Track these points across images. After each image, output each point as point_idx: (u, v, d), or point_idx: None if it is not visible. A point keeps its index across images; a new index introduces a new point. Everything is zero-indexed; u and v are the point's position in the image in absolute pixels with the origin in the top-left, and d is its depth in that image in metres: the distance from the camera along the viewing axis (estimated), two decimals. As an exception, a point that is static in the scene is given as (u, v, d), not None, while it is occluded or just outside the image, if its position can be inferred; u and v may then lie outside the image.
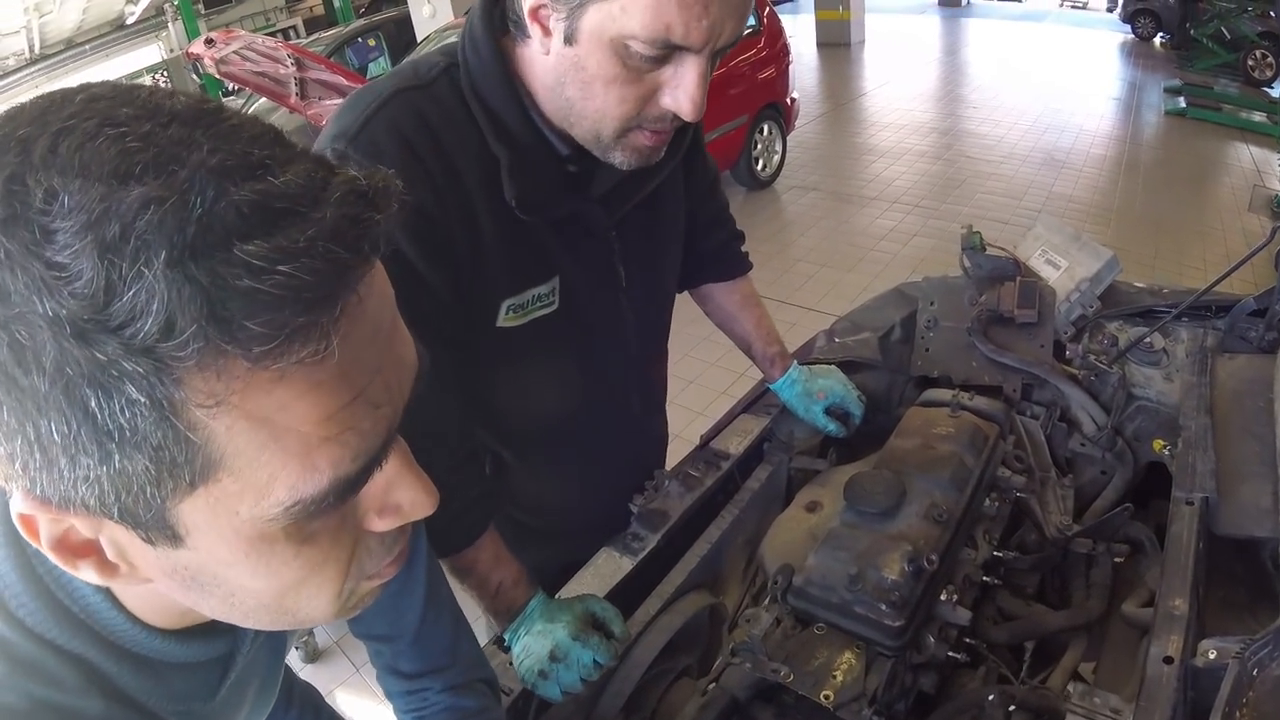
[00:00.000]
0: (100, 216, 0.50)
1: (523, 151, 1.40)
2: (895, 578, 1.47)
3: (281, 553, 0.65)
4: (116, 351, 0.50)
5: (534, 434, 1.73)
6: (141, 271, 0.49)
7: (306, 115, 6.74)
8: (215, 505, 0.59)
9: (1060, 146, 9.63)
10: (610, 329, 1.67)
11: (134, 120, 0.55)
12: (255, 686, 1.03)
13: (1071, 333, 2.23)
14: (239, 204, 0.52)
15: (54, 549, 0.61)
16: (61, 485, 0.56)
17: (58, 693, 0.73)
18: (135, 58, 12.96)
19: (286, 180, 0.55)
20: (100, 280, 0.49)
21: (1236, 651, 1.19)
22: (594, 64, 1.25)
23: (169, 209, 0.50)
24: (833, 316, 2.61)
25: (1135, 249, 6.64)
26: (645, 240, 1.65)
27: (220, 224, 0.51)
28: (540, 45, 1.29)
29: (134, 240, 0.50)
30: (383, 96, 1.35)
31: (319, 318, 0.55)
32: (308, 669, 3.71)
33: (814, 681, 1.43)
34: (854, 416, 2.12)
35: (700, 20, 1.17)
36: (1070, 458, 2.21)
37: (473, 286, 1.43)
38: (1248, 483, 1.62)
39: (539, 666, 1.46)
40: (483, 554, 1.53)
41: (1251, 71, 11.66)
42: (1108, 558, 1.86)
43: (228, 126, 0.58)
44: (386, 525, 0.72)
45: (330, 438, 0.60)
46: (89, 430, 0.53)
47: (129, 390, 0.51)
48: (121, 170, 0.51)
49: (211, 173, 0.53)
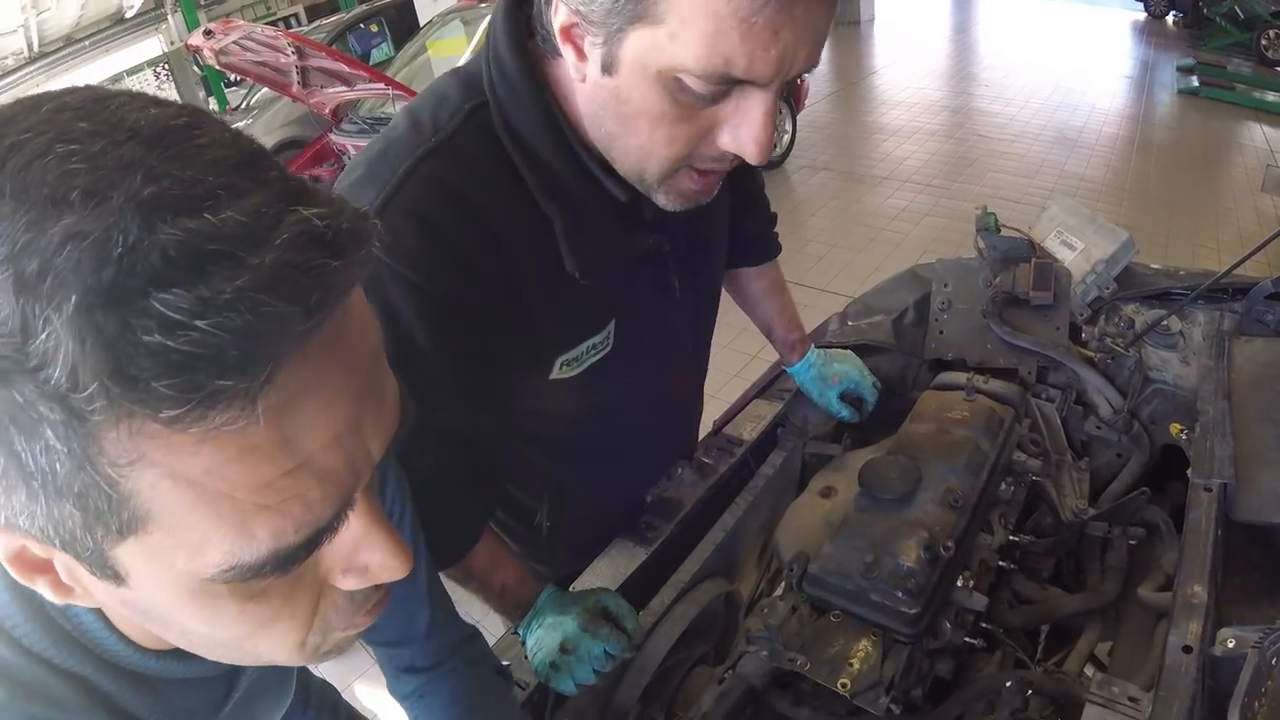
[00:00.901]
0: (23, 249, 0.46)
1: (578, 208, 1.26)
2: (911, 565, 1.46)
3: (226, 607, 0.61)
4: (34, 394, 0.47)
5: (595, 451, 1.66)
6: (51, 316, 0.46)
7: (309, 104, 6.74)
8: (151, 554, 0.55)
9: (1072, 125, 9.58)
10: (667, 343, 1.61)
11: (88, 137, 0.50)
12: (267, 702, 1.02)
13: (1087, 315, 2.22)
14: (165, 244, 0.47)
15: (11, 563, 0.58)
16: (5, 511, 0.52)
17: (60, 714, 0.71)
18: (135, 52, 12.92)
19: (227, 217, 0.49)
20: (16, 319, 0.46)
21: (1256, 641, 1.18)
22: (638, 98, 1.07)
23: (88, 246, 0.46)
24: (845, 297, 2.60)
25: (1148, 229, 6.60)
26: (696, 249, 1.56)
27: (141, 266, 0.47)
28: (575, 70, 1.12)
29: (50, 279, 0.46)
30: (399, 173, 1.18)
31: (240, 382, 0.49)
32: (325, 664, 3.71)
33: (831, 670, 1.42)
34: (867, 403, 2.11)
35: (768, 50, 0.97)
36: (1086, 441, 2.20)
37: (519, 357, 1.34)
38: (1266, 468, 1.61)
39: (551, 659, 1.45)
40: (479, 559, 1.49)
41: (1265, 51, 11.56)
42: (1123, 541, 1.85)
43: (191, 148, 0.52)
44: (352, 585, 0.67)
45: (269, 506, 0.55)
46: (15, 469, 0.49)
47: (48, 435, 0.48)
48: (56, 195, 0.47)
49: (143, 205, 0.48)
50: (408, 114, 1.27)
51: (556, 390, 1.42)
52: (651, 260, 1.46)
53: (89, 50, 12.56)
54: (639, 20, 1.00)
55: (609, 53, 1.05)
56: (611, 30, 1.02)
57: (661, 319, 1.55)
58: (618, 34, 1.02)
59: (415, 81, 6.92)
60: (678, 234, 1.47)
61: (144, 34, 12.97)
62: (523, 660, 1.50)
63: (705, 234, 1.56)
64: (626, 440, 1.69)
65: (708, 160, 1.16)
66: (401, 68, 7.56)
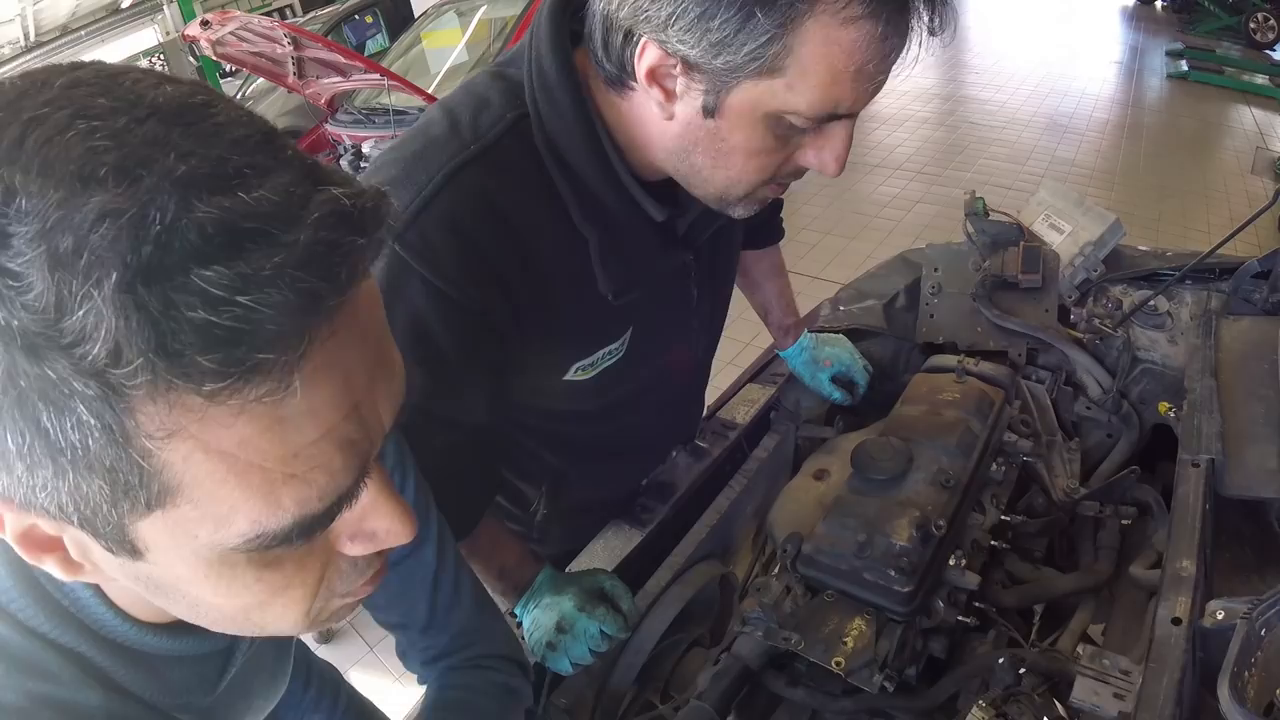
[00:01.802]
0: (55, 225, 0.46)
1: (615, 230, 1.27)
2: (904, 544, 1.48)
3: (243, 576, 0.63)
4: (67, 370, 0.47)
5: (598, 447, 1.67)
6: (91, 292, 0.46)
7: (304, 94, 6.73)
8: (174, 528, 0.57)
9: (1063, 111, 9.57)
10: (679, 347, 1.63)
11: (110, 113, 0.50)
12: (263, 679, 1.02)
13: (1076, 297, 2.23)
14: (203, 222, 0.48)
15: (18, 542, 0.59)
16: (20, 489, 0.53)
17: (55, 687, 0.72)
18: (131, 41, 12.85)
19: (260, 196, 0.51)
20: (50, 296, 0.46)
21: (1244, 612, 1.19)
22: (740, 138, 1.12)
23: (125, 224, 0.46)
24: (837, 284, 2.61)
25: (1139, 212, 6.61)
26: (718, 257, 1.57)
27: (180, 244, 0.47)
28: (659, 109, 1.13)
29: (86, 255, 0.46)
30: (437, 178, 1.17)
31: (280, 354, 0.51)
32: (322, 649, 3.72)
33: (825, 649, 1.43)
34: (859, 386, 2.13)
35: (869, 89, 1.08)
36: (1076, 421, 2.21)
37: (536, 364, 1.36)
38: (1254, 444, 1.62)
39: (547, 638, 1.47)
40: (481, 539, 1.49)
41: (1254, 34, 11.53)
42: (1115, 520, 1.86)
43: (210, 126, 0.53)
44: (359, 551, 0.69)
45: (296, 475, 0.57)
46: (42, 444, 0.50)
47: (80, 410, 0.48)
48: (85, 172, 0.47)
49: (177, 183, 0.48)
50: (446, 114, 1.25)
51: (567, 391, 1.43)
52: (676, 273, 1.47)
53: (85, 40, 12.48)
54: (759, 74, 1.03)
55: (715, 100, 1.08)
56: (722, 79, 1.05)
57: (678, 326, 1.57)
58: (729, 82, 1.05)
59: (410, 73, 6.91)
60: (703, 247, 1.48)
61: (140, 24, 12.90)
62: (520, 641, 1.51)
63: (726, 242, 1.57)
64: (630, 436, 1.70)
65: (787, 176, 1.22)
66: (396, 59, 7.55)
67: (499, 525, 1.57)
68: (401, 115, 6.29)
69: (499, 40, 6.96)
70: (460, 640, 1.25)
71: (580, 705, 1.56)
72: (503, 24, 7.15)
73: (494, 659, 1.28)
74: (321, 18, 10.62)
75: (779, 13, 0.98)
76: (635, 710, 1.65)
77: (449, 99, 1.29)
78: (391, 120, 6.32)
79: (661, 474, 1.90)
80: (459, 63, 7.11)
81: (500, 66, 1.29)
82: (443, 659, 1.26)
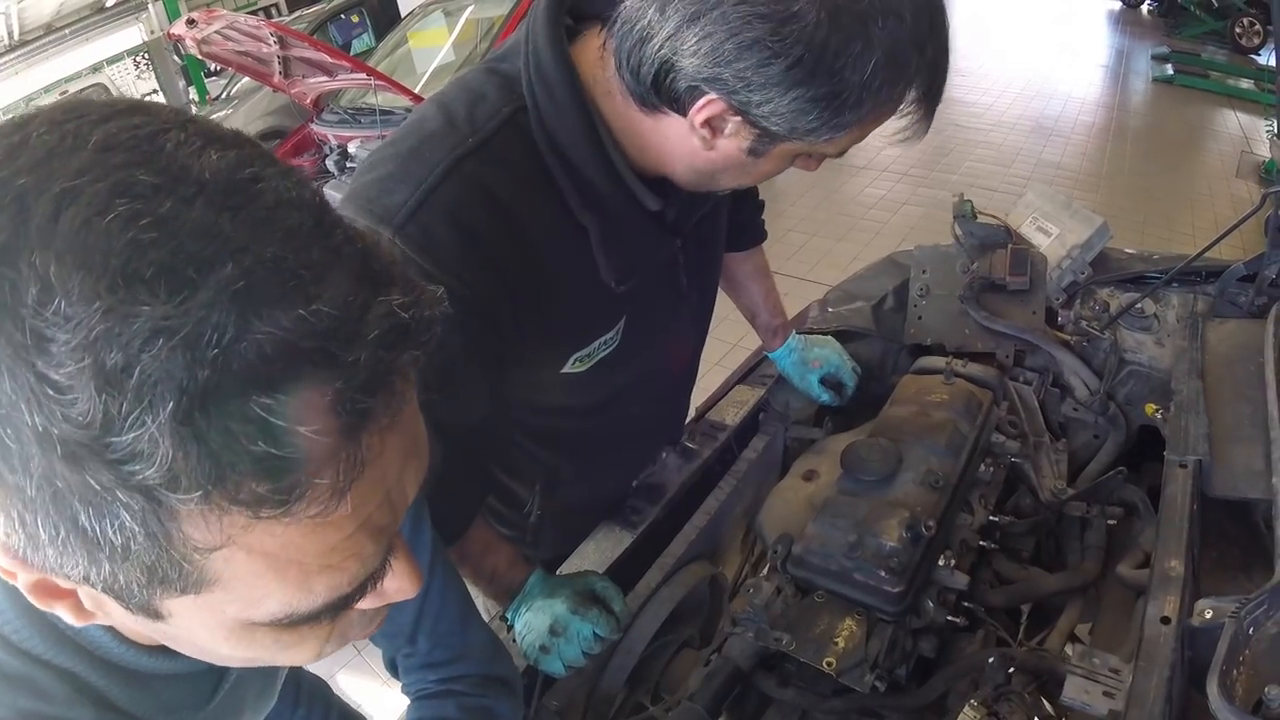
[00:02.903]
0: (101, 338, 0.44)
1: (614, 218, 1.29)
2: (894, 544, 1.48)
3: (261, 639, 0.63)
4: (112, 482, 0.46)
5: (590, 442, 1.66)
6: (144, 419, 0.44)
7: (290, 93, 6.71)
8: (203, 605, 0.56)
9: (1048, 114, 9.61)
10: (671, 337, 1.64)
11: (152, 192, 0.47)
12: (253, 694, 1.02)
13: (1063, 299, 2.24)
14: (262, 343, 0.46)
15: (30, 591, 0.57)
16: (46, 564, 0.52)
17: (46, 705, 0.72)
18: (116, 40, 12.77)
19: (317, 311, 0.48)
20: (98, 413, 0.44)
21: (1233, 611, 1.20)
22: (770, 168, 1.23)
23: (180, 344, 0.44)
24: (824, 286, 2.62)
25: (1124, 215, 6.63)
26: (704, 246, 1.59)
27: (238, 367, 0.46)
28: (700, 142, 1.17)
29: (137, 375, 0.44)
30: (435, 173, 1.16)
31: (335, 480, 0.51)
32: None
33: (816, 649, 1.44)
34: (848, 387, 2.13)
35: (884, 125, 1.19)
36: (1063, 422, 2.22)
37: (535, 356, 1.36)
38: (1240, 445, 1.63)
39: (540, 641, 1.46)
40: (472, 543, 1.50)
41: (1239, 38, 11.59)
42: (1102, 520, 1.87)
43: (262, 211, 0.50)
44: (368, 605, 0.68)
45: (332, 566, 0.57)
46: (77, 538, 0.48)
47: (124, 517, 0.47)
48: (129, 271, 0.44)
49: (235, 299, 0.46)
50: (440, 109, 1.25)
51: (562, 384, 1.43)
52: (666, 261, 1.48)
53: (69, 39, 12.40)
54: (809, 138, 1.13)
55: (765, 148, 1.17)
56: (780, 138, 1.14)
57: (669, 315, 1.58)
58: (785, 141, 1.14)
59: (397, 72, 6.89)
60: (690, 234, 1.49)
61: (124, 23, 12.81)
62: (511, 644, 1.50)
63: (711, 231, 1.59)
64: (621, 430, 1.70)
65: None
66: (383, 58, 7.52)
67: (490, 529, 1.57)
68: (388, 115, 6.27)
69: (486, 40, 6.94)
70: (445, 652, 1.24)
71: (572, 707, 1.56)
72: (490, 24, 7.12)
73: (475, 681, 1.27)
74: (307, 17, 10.59)
75: (861, 114, 1.11)
76: (626, 712, 1.65)
77: (442, 94, 1.29)
78: (378, 120, 6.30)
79: (651, 475, 1.90)
80: (445, 62, 7.08)
81: (493, 62, 1.29)
82: (428, 669, 1.25)
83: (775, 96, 1.06)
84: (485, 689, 1.26)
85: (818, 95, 1.06)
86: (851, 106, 1.08)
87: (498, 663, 1.31)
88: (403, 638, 1.21)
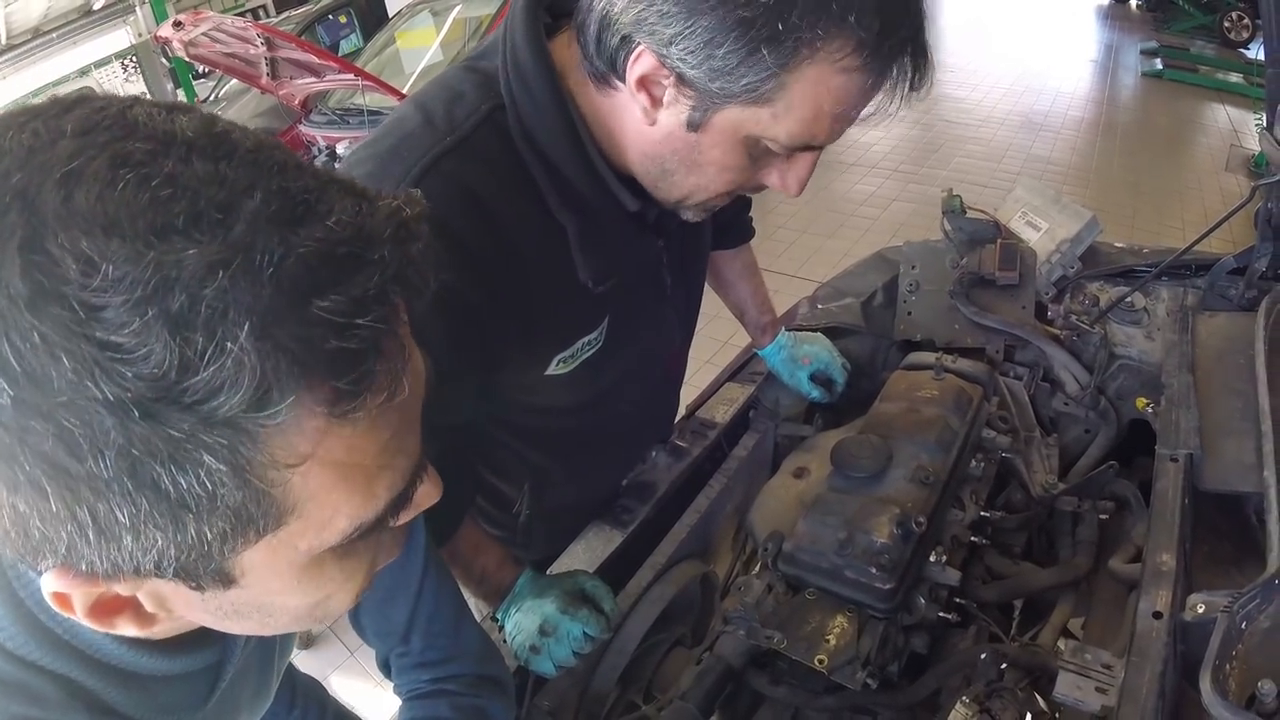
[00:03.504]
0: (159, 286, 0.46)
1: (592, 217, 1.27)
2: (884, 541, 1.48)
3: (329, 570, 0.66)
4: (194, 427, 0.48)
5: (579, 442, 1.66)
6: (224, 345, 0.47)
7: (278, 95, 6.68)
8: (277, 547, 0.59)
9: (1038, 109, 9.62)
10: (657, 335, 1.62)
11: (150, 157, 0.50)
12: (248, 693, 1.02)
13: (1053, 294, 2.24)
14: (305, 256, 0.50)
15: (89, 615, 0.60)
16: (118, 558, 0.53)
17: (41, 711, 0.72)
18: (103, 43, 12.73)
19: (338, 220, 0.53)
20: (174, 359, 0.46)
21: (1225, 605, 1.20)
22: (717, 154, 1.15)
23: (238, 272, 0.47)
24: (814, 283, 2.61)
25: (1114, 210, 6.65)
26: (688, 245, 1.58)
27: (291, 281, 0.49)
28: (643, 114, 1.14)
29: (204, 310, 0.46)
30: (414, 172, 1.15)
31: (394, 362, 0.56)
32: (302, 655, 3.71)
33: (807, 647, 1.43)
34: (837, 383, 2.13)
35: (843, 128, 1.14)
36: (1054, 417, 2.22)
37: (519, 357, 1.34)
38: (1231, 439, 1.63)
39: (530, 642, 1.46)
40: (462, 544, 1.49)
41: (1228, 33, 11.61)
42: (1093, 515, 1.87)
43: (247, 154, 0.54)
44: (403, 520, 0.71)
45: (386, 465, 0.61)
46: (161, 506, 0.51)
47: (207, 460, 0.50)
48: (159, 224, 0.47)
49: (270, 223, 0.50)
50: (419, 108, 1.23)
51: (547, 385, 1.42)
52: (649, 260, 1.47)
53: (56, 43, 12.35)
54: (748, 101, 1.06)
55: (700, 116, 1.10)
56: (714, 101, 1.07)
57: (654, 315, 1.57)
58: (719, 105, 1.08)
59: (385, 73, 6.88)
60: (674, 234, 1.48)
61: (112, 26, 12.76)
62: (501, 644, 1.50)
63: (696, 230, 1.56)
64: (610, 430, 1.69)
65: (748, 190, 1.29)
66: (371, 59, 7.51)
67: (479, 530, 1.56)
68: (376, 115, 6.24)
69: (474, 39, 6.93)
70: (438, 652, 1.25)
71: (563, 707, 1.55)
72: (477, 23, 7.12)
73: (468, 681, 1.27)
74: (295, 18, 10.53)
75: (781, 53, 1.01)
76: (619, 711, 1.64)
77: (420, 94, 1.28)
78: (366, 120, 6.29)
79: (641, 474, 1.90)
80: (434, 62, 7.07)
81: (472, 60, 1.28)
82: (421, 669, 1.25)
83: (688, 30, 1.01)
84: (478, 689, 1.27)
85: (728, 21, 0.99)
86: (768, 41, 0.99)
87: (491, 663, 1.32)
88: (396, 637, 1.22)
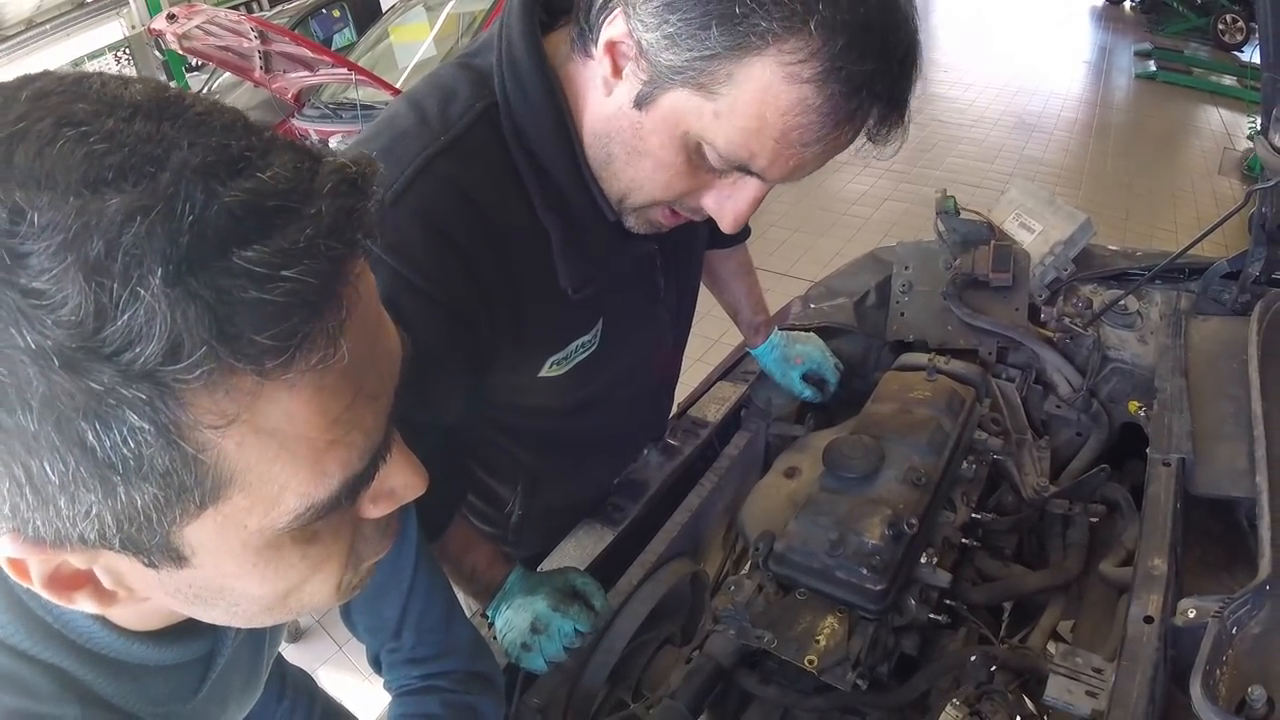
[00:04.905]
0: (79, 233, 0.45)
1: (575, 223, 1.26)
2: (876, 541, 1.48)
3: (288, 556, 0.64)
4: (113, 379, 0.47)
5: (572, 443, 1.65)
6: (137, 291, 0.46)
7: (271, 89, 6.67)
8: (223, 523, 0.57)
9: (1031, 110, 9.64)
10: (651, 338, 1.62)
11: (93, 117, 0.50)
12: (238, 684, 1.02)
13: (1046, 296, 2.24)
14: (230, 206, 0.49)
15: (47, 587, 0.59)
16: (58, 523, 0.52)
17: (32, 702, 0.72)
18: (97, 35, 12.69)
19: (274, 174, 0.52)
20: (89, 305, 0.45)
21: (1216, 610, 1.20)
22: (655, 143, 1.11)
23: (156, 218, 0.46)
24: (806, 282, 2.61)
25: (1106, 211, 6.66)
26: (682, 247, 1.56)
27: (214, 230, 0.48)
28: (602, 83, 1.13)
29: (122, 257, 0.45)
30: (408, 171, 1.14)
31: (328, 320, 0.53)
32: (290, 648, 3.69)
33: (798, 647, 1.43)
34: (830, 383, 2.13)
35: (789, 163, 1.08)
36: (1046, 420, 2.22)
37: (511, 358, 1.33)
38: (1223, 443, 1.63)
39: (521, 639, 1.45)
40: (452, 541, 1.49)
41: (1222, 35, 11.65)
42: (1084, 518, 1.87)
43: (194, 116, 0.54)
44: (382, 511, 0.70)
45: (338, 440, 0.59)
46: (89, 465, 0.49)
47: (130, 418, 0.48)
48: (91, 177, 0.47)
49: (196, 173, 0.49)
50: (412, 106, 1.22)
51: (541, 387, 1.42)
52: (642, 263, 1.46)
53: (49, 34, 12.31)
54: (695, 86, 1.03)
55: (649, 93, 1.07)
56: (663, 76, 1.04)
57: (647, 317, 1.56)
58: (667, 82, 1.05)
59: (378, 67, 6.86)
60: (667, 237, 1.46)
61: (105, 18, 12.72)
62: (491, 641, 1.49)
63: (690, 233, 1.56)
64: (603, 431, 1.69)
65: (686, 208, 1.22)
66: (364, 53, 7.49)
67: (470, 527, 1.56)
68: (369, 110, 6.23)
69: (467, 35, 6.92)
70: (429, 648, 1.24)
71: (553, 705, 1.54)
72: (471, 18, 7.10)
73: (458, 677, 1.27)
74: (288, 11, 10.52)
75: (732, 36, 0.98)
76: (608, 709, 1.64)
77: (414, 91, 1.27)
78: (359, 115, 6.27)
79: (633, 472, 1.89)
80: (427, 57, 7.05)
81: (466, 57, 1.27)
82: (412, 665, 1.25)
83: None
84: (468, 686, 1.27)
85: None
86: (721, 18, 0.97)
87: (481, 660, 1.32)
88: (387, 632, 1.22)
